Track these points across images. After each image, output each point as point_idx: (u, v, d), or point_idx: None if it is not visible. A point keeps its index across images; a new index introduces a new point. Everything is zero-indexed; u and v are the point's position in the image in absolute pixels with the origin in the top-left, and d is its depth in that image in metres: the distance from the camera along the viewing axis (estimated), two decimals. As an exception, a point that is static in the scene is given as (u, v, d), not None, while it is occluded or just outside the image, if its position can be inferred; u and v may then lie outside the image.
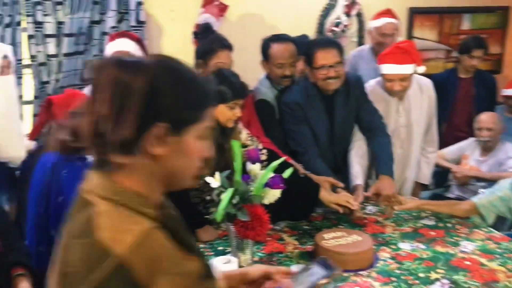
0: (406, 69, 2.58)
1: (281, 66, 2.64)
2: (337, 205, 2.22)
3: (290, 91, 2.62)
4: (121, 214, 0.87)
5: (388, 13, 3.39)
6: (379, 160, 2.60)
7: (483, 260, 1.94)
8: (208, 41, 2.54)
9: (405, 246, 2.07)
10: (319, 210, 2.41)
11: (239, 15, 3.68)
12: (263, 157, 2.15)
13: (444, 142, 3.39)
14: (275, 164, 1.81)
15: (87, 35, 3.26)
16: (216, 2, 3.55)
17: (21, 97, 3.20)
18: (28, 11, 3.10)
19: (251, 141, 2.24)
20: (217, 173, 1.78)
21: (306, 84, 2.55)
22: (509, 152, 3.22)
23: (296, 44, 2.69)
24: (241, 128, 2.25)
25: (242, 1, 3.68)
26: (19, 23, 3.13)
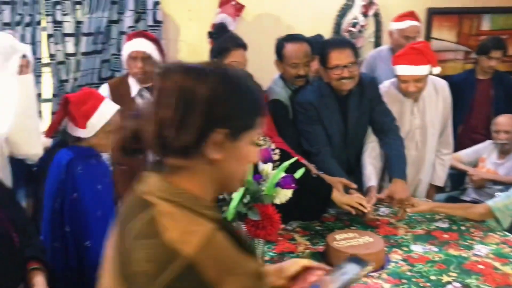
0: (421, 70, 2.55)
1: (295, 66, 2.63)
2: (349, 206, 2.21)
3: (304, 91, 2.61)
4: (184, 215, 0.89)
5: (411, 15, 3.36)
6: (392, 163, 2.58)
7: (497, 264, 1.92)
8: (222, 40, 2.55)
9: (417, 248, 2.06)
10: (332, 211, 2.41)
11: (255, 15, 3.68)
12: (276, 157, 2.15)
13: (460, 144, 3.35)
14: (286, 164, 1.82)
15: (105, 35, 3.30)
16: (233, 2, 3.56)
17: (40, 95, 3.25)
18: (47, 10, 3.15)
19: (263, 140, 2.24)
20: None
21: (320, 84, 2.55)
22: (527, 155, 3.17)
23: (310, 43, 2.68)
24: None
25: (258, 1, 3.68)
26: (39, 23, 3.17)
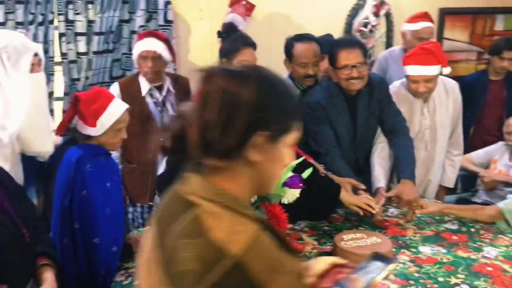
0: (431, 70, 2.54)
1: (304, 65, 2.63)
2: (358, 207, 2.21)
3: (313, 91, 2.61)
4: (228, 215, 0.90)
5: (425, 16, 3.34)
6: (400, 163, 2.56)
7: (506, 267, 1.90)
8: (231, 39, 2.56)
9: (425, 249, 2.05)
10: (340, 211, 2.41)
11: (265, 15, 3.69)
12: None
13: (472, 145, 3.32)
14: (293, 163, 1.81)
15: (116, 34, 3.33)
16: (243, 2, 3.57)
17: (52, 93, 3.29)
18: (60, 10, 3.19)
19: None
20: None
21: (329, 84, 2.54)
22: (539, 157, 3.13)
23: (319, 43, 2.68)
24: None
25: (269, 1, 3.69)
26: (51, 22, 3.22)
